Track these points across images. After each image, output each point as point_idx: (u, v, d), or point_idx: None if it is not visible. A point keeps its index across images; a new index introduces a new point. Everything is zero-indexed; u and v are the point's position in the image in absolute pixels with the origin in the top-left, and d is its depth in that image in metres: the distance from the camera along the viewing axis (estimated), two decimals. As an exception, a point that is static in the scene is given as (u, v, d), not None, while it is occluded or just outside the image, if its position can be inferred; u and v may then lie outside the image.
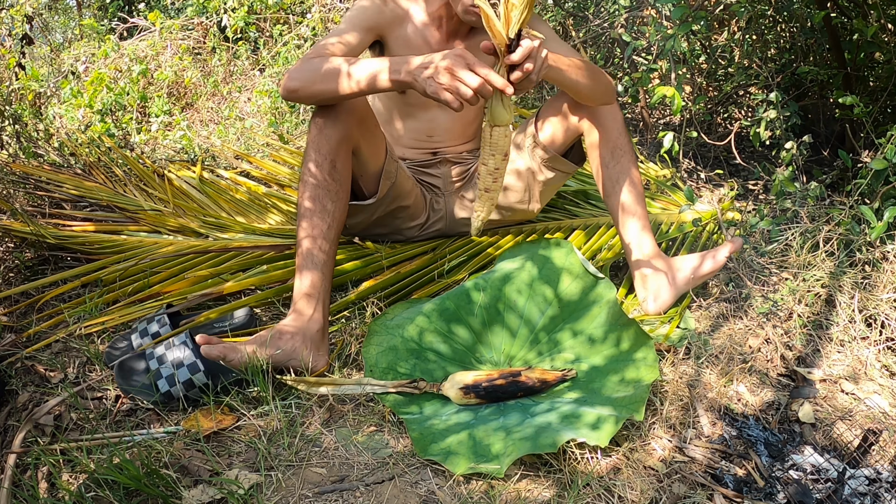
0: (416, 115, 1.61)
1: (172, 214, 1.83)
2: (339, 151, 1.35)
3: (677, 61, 1.95)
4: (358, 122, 1.37)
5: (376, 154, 1.49)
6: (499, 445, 1.06)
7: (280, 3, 3.44)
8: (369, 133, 1.44)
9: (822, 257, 1.50)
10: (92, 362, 1.31)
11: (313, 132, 1.34)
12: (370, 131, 1.44)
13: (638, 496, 1.01)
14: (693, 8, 1.72)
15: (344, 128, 1.34)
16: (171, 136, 2.66)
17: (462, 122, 1.65)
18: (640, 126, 2.59)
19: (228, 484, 0.98)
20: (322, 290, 1.30)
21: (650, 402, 1.20)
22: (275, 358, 1.20)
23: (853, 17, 1.84)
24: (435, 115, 1.61)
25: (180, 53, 3.29)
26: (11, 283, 1.54)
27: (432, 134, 1.64)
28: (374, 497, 0.99)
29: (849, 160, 1.61)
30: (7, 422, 1.15)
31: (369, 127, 1.43)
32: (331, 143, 1.33)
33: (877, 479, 1.05)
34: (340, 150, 1.35)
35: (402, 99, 1.57)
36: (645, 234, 1.51)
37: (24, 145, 2.13)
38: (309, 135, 1.35)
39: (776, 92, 1.82)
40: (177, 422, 1.15)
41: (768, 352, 1.37)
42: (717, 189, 2.20)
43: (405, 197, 1.61)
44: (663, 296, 1.48)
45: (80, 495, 0.95)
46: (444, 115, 1.61)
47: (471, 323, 1.37)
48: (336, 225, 1.35)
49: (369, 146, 1.45)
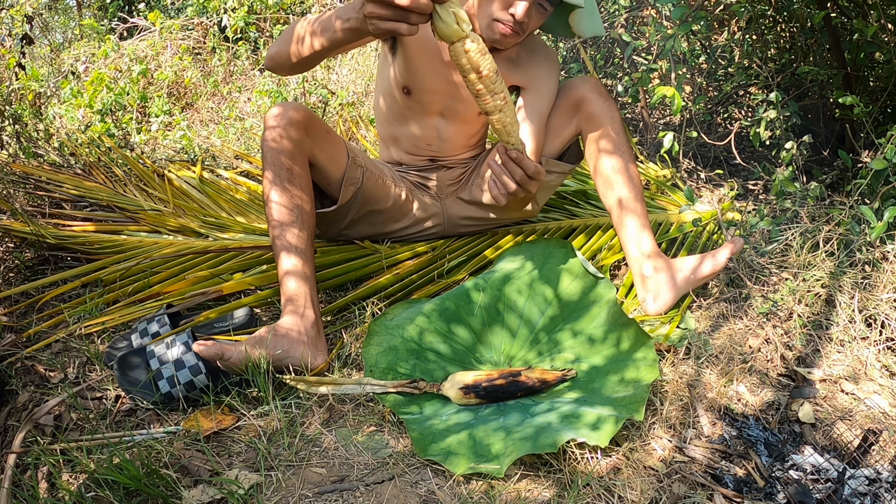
0: (418, 120, 1.59)
1: (172, 214, 1.83)
2: (295, 161, 1.38)
3: (677, 61, 1.95)
4: (306, 131, 1.39)
5: (335, 160, 1.50)
6: (499, 445, 1.06)
7: (280, 3, 3.44)
8: (321, 140, 1.45)
9: (822, 257, 1.50)
10: (92, 362, 1.31)
11: (265, 147, 1.37)
12: (322, 138, 1.45)
13: (638, 496, 1.01)
14: (693, 8, 1.73)
15: (293, 139, 1.37)
16: (171, 136, 2.66)
17: (466, 135, 1.63)
18: (640, 126, 2.59)
19: (228, 484, 0.98)
20: (307, 290, 1.32)
21: (650, 402, 1.20)
22: (274, 357, 1.20)
23: (853, 17, 1.84)
24: (437, 123, 1.59)
25: (180, 53, 3.29)
26: (11, 283, 1.54)
27: (431, 142, 1.63)
28: (374, 497, 0.99)
29: (849, 160, 1.61)
30: (7, 422, 1.15)
31: (319, 133, 1.44)
32: (284, 155, 1.36)
33: (877, 479, 1.05)
34: (295, 159, 1.38)
35: (406, 103, 1.56)
36: (644, 232, 1.50)
37: (24, 145, 2.13)
38: (262, 149, 1.38)
39: (776, 92, 1.82)
40: (177, 422, 1.15)
41: (768, 352, 1.37)
42: (717, 189, 2.20)
43: (378, 201, 1.60)
44: (663, 296, 1.47)
45: (80, 495, 0.95)
46: (447, 124, 1.59)
47: (471, 323, 1.37)
48: (307, 228, 1.38)
49: (324, 153, 1.47)
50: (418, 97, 1.53)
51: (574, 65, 2.49)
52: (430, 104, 1.55)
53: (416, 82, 1.51)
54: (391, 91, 1.57)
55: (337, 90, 3.03)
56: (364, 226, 1.65)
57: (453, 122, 1.58)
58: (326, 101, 2.93)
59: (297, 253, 1.34)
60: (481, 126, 1.65)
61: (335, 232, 1.66)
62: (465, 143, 1.65)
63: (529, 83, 1.54)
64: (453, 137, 1.62)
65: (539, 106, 1.54)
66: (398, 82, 1.53)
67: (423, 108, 1.56)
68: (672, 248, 1.78)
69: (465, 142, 1.65)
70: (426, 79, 1.50)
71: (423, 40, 1.47)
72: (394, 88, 1.55)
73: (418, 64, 1.49)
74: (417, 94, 1.52)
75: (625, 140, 1.52)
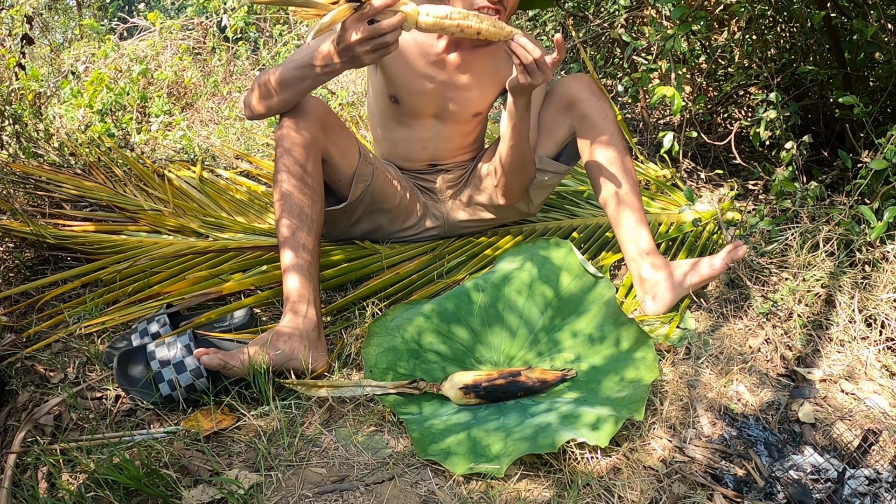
0: (412, 125, 1.58)
1: (172, 214, 1.83)
2: (308, 157, 1.38)
3: (677, 61, 1.95)
4: (322, 126, 1.40)
5: (347, 157, 1.50)
6: (498, 446, 1.06)
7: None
8: (336, 135, 1.45)
9: (822, 257, 1.50)
10: (92, 362, 1.31)
11: (280, 140, 1.37)
12: (336, 133, 1.45)
13: (638, 496, 1.01)
14: (693, 8, 1.72)
15: (309, 134, 1.37)
16: (171, 136, 2.66)
17: (462, 133, 1.62)
18: (640, 126, 2.59)
19: (228, 484, 0.98)
20: (310, 290, 1.31)
21: (650, 402, 1.20)
22: (275, 359, 1.20)
23: (853, 17, 1.84)
24: (432, 125, 1.58)
25: (180, 53, 3.29)
26: (11, 283, 1.54)
27: (428, 146, 1.62)
28: (374, 497, 0.99)
29: (849, 160, 1.61)
30: (7, 422, 1.15)
31: (334, 129, 1.44)
32: (298, 149, 1.36)
33: (877, 479, 1.05)
34: (309, 155, 1.38)
35: (397, 109, 1.55)
36: (641, 227, 1.48)
37: (24, 145, 2.13)
38: (276, 143, 1.38)
39: (776, 92, 1.82)
40: (177, 422, 1.15)
41: (768, 352, 1.37)
42: (717, 189, 2.20)
43: (386, 199, 1.60)
44: (662, 296, 1.47)
45: (80, 495, 0.95)
46: (442, 125, 1.58)
47: (470, 323, 1.37)
48: (315, 227, 1.37)
49: (338, 149, 1.47)
50: (408, 102, 1.53)
51: (574, 65, 2.48)
52: (421, 107, 1.54)
53: (402, 89, 1.51)
54: (381, 100, 1.57)
55: (337, 90, 3.04)
56: (368, 224, 1.65)
57: (448, 122, 1.57)
58: (326, 102, 2.92)
59: (303, 251, 1.33)
60: (477, 124, 1.63)
61: (341, 230, 1.65)
62: (462, 143, 1.64)
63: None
64: (450, 138, 1.61)
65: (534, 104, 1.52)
66: (385, 92, 1.54)
67: (416, 112, 1.55)
68: (672, 248, 1.78)
69: (461, 141, 1.64)
70: (411, 84, 1.50)
71: (402, 55, 1.47)
72: (382, 97, 1.55)
73: (401, 71, 1.48)
74: (406, 99, 1.52)
75: (619, 135, 1.50)
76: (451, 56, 1.48)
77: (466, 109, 1.55)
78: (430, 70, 1.48)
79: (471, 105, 1.54)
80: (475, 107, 1.55)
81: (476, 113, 1.57)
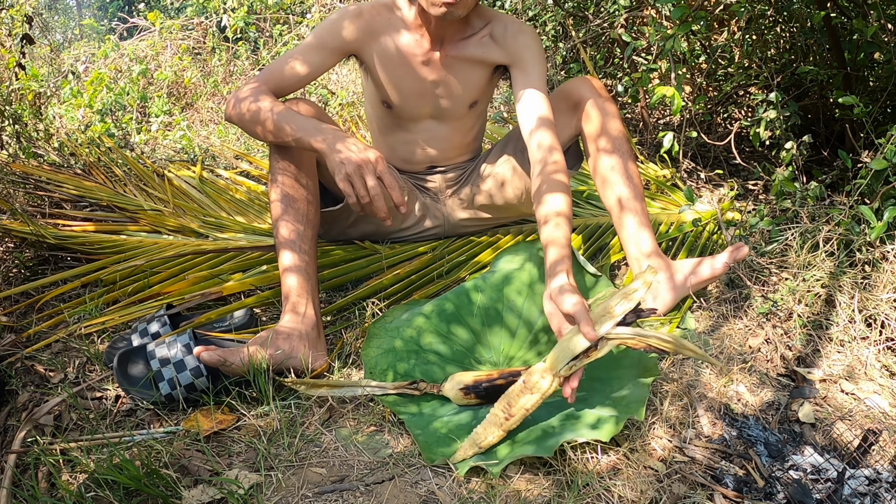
0: (409, 127, 1.58)
1: (172, 214, 1.83)
2: (303, 158, 1.38)
3: (677, 61, 1.95)
4: None
5: None
6: (505, 450, 1.06)
7: (280, 3, 3.44)
8: None
9: (822, 257, 1.49)
10: (92, 362, 1.31)
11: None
12: None
13: (638, 496, 1.01)
14: (693, 8, 1.72)
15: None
16: (171, 136, 2.66)
17: (461, 132, 1.61)
18: (640, 126, 2.59)
19: (228, 484, 0.98)
20: (309, 290, 1.32)
21: (650, 402, 1.20)
22: (275, 358, 1.20)
23: (853, 17, 1.84)
24: (429, 126, 1.57)
25: (180, 53, 3.29)
26: (11, 283, 1.54)
27: (426, 147, 1.61)
28: (374, 497, 0.99)
29: (849, 160, 1.61)
30: (7, 422, 1.15)
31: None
32: (292, 150, 1.36)
33: (877, 479, 1.05)
34: (303, 155, 1.38)
35: (393, 113, 1.55)
36: (643, 230, 1.49)
37: (24, 145, 2.13)
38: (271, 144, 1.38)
39: (776, 92, 1.82)
40: (177, 422, 1.15)
41: (768, 352, 1.37)
42: (717, 189, 2.20)
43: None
44: (662, 297, 1.47)
45: (80, 495, 0.95)
46: (439, 125, 1.57)
47: (470, 323, 1.37)
48: (312, 227, 1.38)
49: None
50: (402, 105, 1.52)
51: (574, 65, 2.48)
52: (416, 109, 1.53)
53: (395, 93, 1.50)
54: (375, 106, 1.57)
55: (337, 90, 3.04)
56: (366, 225, 1.65)
57: (445, 120, 1.57)
58: (326, 102, 2.93)
59: (300, 251, 1.34)
60: (476, 118, 1.61)
61: (338, 231, 1.65)
62: (461, 141, 1.63)
63: (512, 59, 1.47)
64: (449, 137, 1.60)
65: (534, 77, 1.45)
66: (377, 98, 1.54)
67: (411, 115, 1.55)
68: (672, 248, 1.78)
69: (461, 140, 1.63)
70: (403, 87, 1.49)
71: (388, 54, 1.46)
72: (376, 103, 1.55)
73: (391, 76, 1.48)
74: (400, 103, 1.52)
75: (624, 139, 1.51)
76: (437, 53, 1.47)
77: (461, 102, 1.54)
78: (418, 71, 1.48)
79: (464, 96, 1.53)
80: (469, 97, 1.54)
81: (472, 103, 1.55)
